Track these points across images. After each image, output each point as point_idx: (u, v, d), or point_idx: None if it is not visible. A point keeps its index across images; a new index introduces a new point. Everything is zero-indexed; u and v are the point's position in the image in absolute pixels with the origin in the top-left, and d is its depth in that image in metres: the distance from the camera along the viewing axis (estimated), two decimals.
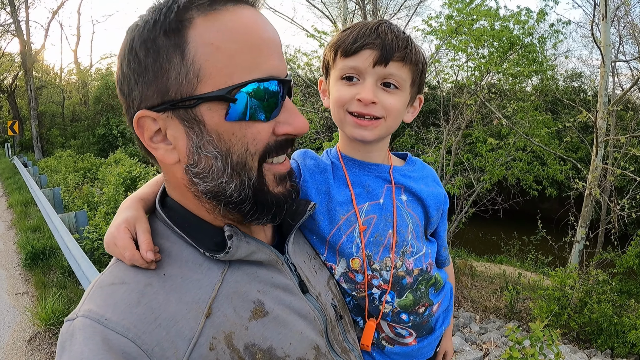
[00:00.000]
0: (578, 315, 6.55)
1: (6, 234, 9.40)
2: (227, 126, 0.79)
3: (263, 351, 0.85)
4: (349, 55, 1.12)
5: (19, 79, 30.56)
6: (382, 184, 1.23)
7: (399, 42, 1.10)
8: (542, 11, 9.33)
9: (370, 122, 1.13)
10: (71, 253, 5.29)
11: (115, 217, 0.96)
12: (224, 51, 0.76)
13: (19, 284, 6.64)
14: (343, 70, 1.14)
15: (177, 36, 0.75)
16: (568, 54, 20.20)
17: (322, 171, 1.24)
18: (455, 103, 10.55)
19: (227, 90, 0.76)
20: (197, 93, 0.76)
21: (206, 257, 0.88)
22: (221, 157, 0.80)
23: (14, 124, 26.08)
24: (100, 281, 0.83)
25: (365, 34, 1.11)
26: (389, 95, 1.12)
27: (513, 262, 12.11)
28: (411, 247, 1.23)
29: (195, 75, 0.75)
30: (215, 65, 0.76)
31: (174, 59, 0.75)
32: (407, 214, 1.23)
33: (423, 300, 1.26)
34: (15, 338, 5.04)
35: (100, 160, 20.76)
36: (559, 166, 10.85)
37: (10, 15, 26.52)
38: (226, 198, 0.84)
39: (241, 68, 0.77)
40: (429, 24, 10.03)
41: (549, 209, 13.73)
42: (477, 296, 9.01)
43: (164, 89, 0.77)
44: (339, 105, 1.16)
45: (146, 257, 0.83)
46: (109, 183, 11.23)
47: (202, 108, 0.77)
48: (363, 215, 1.20)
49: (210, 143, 0.79)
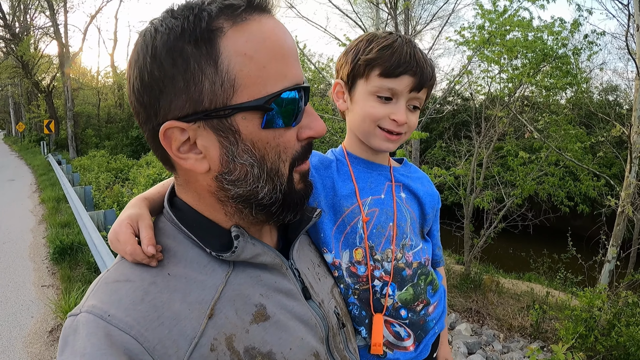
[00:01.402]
0: (605, 338, 6.29)
1: (37, 228, 9.69)
2: (262, 134, 0.80)
3: (263, 355, 0.85)
4: (389, 77, 1.20)
5: (56, 80, 31.62)
6: (383, 181, 1.33)
7: (430, 70, 1.22)
8: (576, 22, 9.10)
9: (397, 137, 1.26)
10: (97, 250, 5.41)
11: (119, 216, 0.97)
12: (256, 61, 0.77)
13: (46, 276, 6.83)
14: (380, 90, 1.21)
15: (209, 46, 0.75)
16: (603, 66, 19.68)
17: (327, 167, 1.31)
18: (487, 115, 10.38)
19: (265, 100, 0.77)
20: (232, 103, 0.77)
21: (211, 258, 0.88)
22: (257, 164, 0.82)
23: (50, 122, 26.98)
24: (105, 277, 0.84)
25: (406, 60, 1.19)
26: (413, 115, 1.25)
27: (542, 280, 11.76)
28: (410, 241, 1.31)
29: (230, 85, 0.76)
30: (249, 75, 0.76)
31: (207, 68, 0.75)
32: (406, 209, 1.32)
33: (422, 297, 1.32)
34: (38, 328, 5.18)
35: (132, 162, 21.27)
36: (592, 182, 10.52)
37: (49, 19, 27.51)
38: (257, 201, 0.86)
39: (273, 77, 0.79)
40: (461, 34, 9.93)
41: (580, 226, 13.31)
42: (503, 314, 8.79)
43: (196, 99, 0.76)
44: (372, 120, 1.24)
45: (147, 251, 0.83)
46: (139, 184, 11.48)
47: (237, 117, 0.78)
48: (366, 208, 1.28)
49: (246, 152, 0.81)
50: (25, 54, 26.92)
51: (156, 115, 0.80)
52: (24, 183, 16.44)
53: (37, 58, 30.12)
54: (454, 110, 21.27)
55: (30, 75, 29.23)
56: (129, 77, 0.82)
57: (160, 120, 0.79)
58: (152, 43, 0.76)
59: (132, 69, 0.80)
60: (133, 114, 0.87)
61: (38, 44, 32.65)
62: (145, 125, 0.83)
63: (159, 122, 0.79)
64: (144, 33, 0.79)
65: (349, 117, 1.32)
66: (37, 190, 14.82)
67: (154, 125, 0.81)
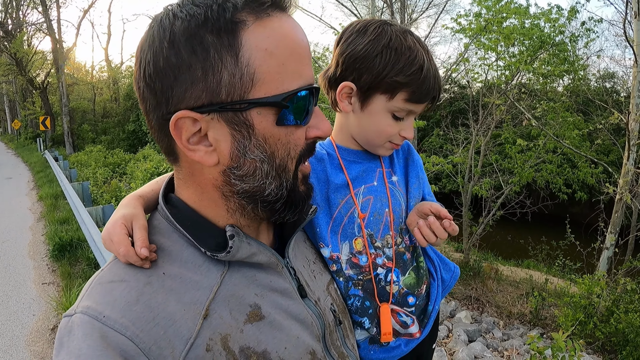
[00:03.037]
0: (604, 325, 6.35)
1: (36, 225, 9.68)
2: (275, 131, 0.80)
3: (257, 354, 0.85)
4: (415, 103, 1.20)
5: (51, 76, 31.42)
6: (374, 168, 1.33)
7: (436, 84, 1.20)
8: (573, 9, 9.08)
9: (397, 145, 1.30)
10: (97, 246, 5.40)
11: (113, 214, 0.96)
12: (276, 57, 0.76)
13: (46, 274, 6.83)
14: (400, 111, 1.21)
15: (231, 37, 0.74)
16: (600, 53, 19.57)
17: (320, 160, 1.29)
18: (484, 103, 10.37)
19: (282, 97, 0.77)
20: (250, 97, 0.76)
21: (206, 258, 0.87)
22: (267, 160, 0.82)
23: (46, 119, 26.84)
24: (100, 278, 0.83)
25: (433, 87, 1.19)
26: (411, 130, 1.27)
27: (540, 267, 11.84)
28: (405, 225, 1.31)
29: (249, 79, 0.75)
30: (269, 70, 0.76)
31: (228, 60, 0.74)
32: (399, 193, 1.33)
33: (424, 278, 1.36)
34: (39, 326, 5.19)
35: (129, 156, 21.25)
36: (590, 169, 10.57)
37: (42, 14, 27.29)
38: (263, 197, 0.85)
39: (290, 76, 0.79)
40: (458, 22, 9.89)
41: (578, 213, 13.35)
42: (502, 301, 8.85)
43: (213, 90, 0.75)
44: (386, 136, 1.24)
45: (140, 254, 0.82)
46: (136, 178, 11.48)
47: (252, 112, 0.77)
48: (360, 197, 1.28)
49: (257, 147, 0.80)
50: (19, 50, 26.71)
51: (167, 103, 0.77)
52: (22, 181, 16.38)
53: (30, 54, 29.87)
54: (451, 98, 21.28)
55: (25, 72, 29.01)
56: (140, 62, 0.79)
57: (172, 108, 0.77)
58: (171, 28, 0.74)
59: (145, 53, 0.77)
60: (139, 100, 0.84)
61: (31, 40, 32.39)
62: (152, 112, 0.81)
63: (170, 110, 0.77)
64: (160, 18, 0.77)
65: (352, 121, 1.28)
66: (34, 187, 14.78)
67: (164, 113, 0.78)
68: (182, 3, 0.77)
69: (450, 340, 6.24)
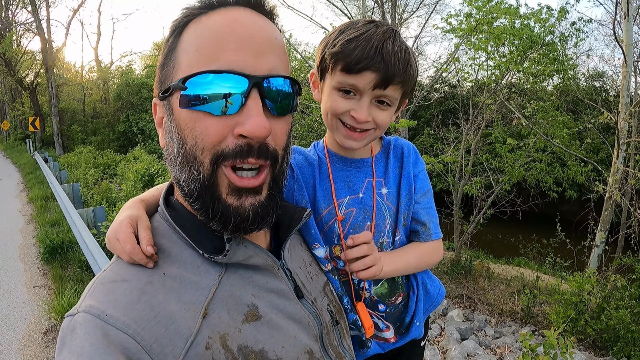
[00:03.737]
0: (595, 322, 6.41)
1: (26, 227, 9.59)
2: (183, 115, 0.82)
3: (255, 353, 0.86)
4: (350, 73, 1.13)
5: (40, 76, 31.12)
6: (362, 178, 1.30)
7: (400, 65, 1.11)
8: (563, 9, 9.17)
9: (361, 134, 1.18)
10: (88, 248, 5.38)
11: (117, 216, 0.99)
12: (193, 45, 0.83)
13: (37, 277, 6.77)
14: (341, 84, 1.16)
15: (178, 37, 0.86)
16: (590, 53, 19.78)
17: (310, 164, 1.31)
18: (474, 102, 10.44)
19: (182, 80, 0.81)
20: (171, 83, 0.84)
21: (204, 259, 0.89)
22: (178, 144, 0.84)
23: (35, 120, 26.60)
24: (102, 278, 0.85)
25: (369, 55, 1.10)
26: (381, 112, 1.17)
27: (531, 265, 11.93)
28: (387, 239, 1.29)
29: (173, 67, 0.85)
30: (185, 58, 0.83)
31: (172, 55, 0.86)
32: (386, 207, 1.29)
33: (399, 291, 1.35)
34: (32, 330, 5.14)
35: (119, 157, 21.09)
36: (580, 168, 10.67)
37: (31, 14, 27.01)
38: (182, 188, 0.87)
39: (202, 61, 0.80)
40: (448, 22, 9.94)
41: (568, 211, 13.46)
42: (494, 299, 8.90)
43: (164, 80, 0.88)
44: (333, 114, 1.19)
45: (146, 251, 0.85)
46: (127, 179, 11.40)
47: (172, 97, 0.84)
48: (343, 208, 1.27)
49: (174, 130, 0.84)
50: (8, 51, 26.46)
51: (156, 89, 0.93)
52: (11, 182, 16.22)
53: (19, 55, 29.61)
54: (441, 97, 21.32)
55: (14, 72, 28.73)
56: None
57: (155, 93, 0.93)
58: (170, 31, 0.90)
59: None
60: None
61: (20, 40, 32.08)
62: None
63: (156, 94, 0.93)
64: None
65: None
66: (24, 189, 14.64)
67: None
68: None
69: (443, 339, 6.27)
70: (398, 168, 1.33)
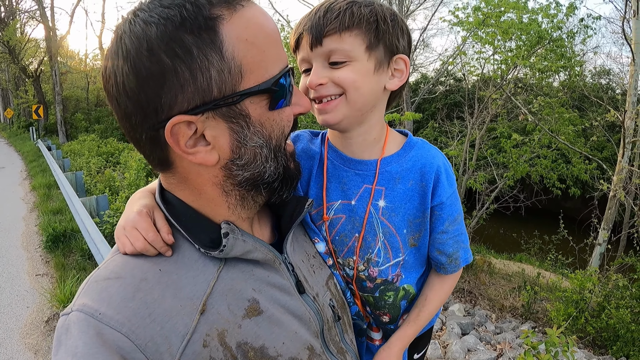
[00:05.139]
0: (595, 320, 6.41)
1: (29, 216, 9.62)
2: (269, 115, 0.83)
3: (255, 350, 0.85)
4: (296, 50, 1.08)
5: (44, 64, 31.11)
6: (359, 183, 1.15)
7: (328, 14, 1.00)
8: (572, 5, 9.09)
9: (329, 104, 1.04)
10: (91, 236, 5.36)
11: (128, 207, 0.96)
12: (257, 46, 0.78)
13: (39, 265, 6.79)
14: (300, 65, 1.10)
15: (212, 33, 0.74)
16: (597, 50, 19.64)
17: (310, 157, 1.22)
18: (480, 96, 10.39)
19: (271, 82, 0.81)
20: (241, 88, 0.77)
21: (202, 253, 0.87)
22: (265, 144, 0.84)
23: (39, 108, 26.55)
24: (96, 275, 0.83)
25: (302, 22, 1.05)
26: (337, 70, 1.02)
27: (532, 261, 11.92)
28: (376, 257, 1.16)
29: (238, 71, 0.76)
30: (254, 60, 0.78)
31: (213, 57, 0.74)
32: (379, 222, 1.14)
33: (385, 310, 1.24)
34: (34, 318, 5.16)
35: (123, 145, 21.04)
36: (584, 165, 10.63)
37: (35, 2, 26.89)
38: (263, 181, 0.88)
39: (272, 60, 0.81)
40: (455, 15, 9.87)
41: (571, 208, 13.45)
42: (495, 294, 8.90)
43: (205, 89, 0.74)
44: (303, 91, 1.09)
45: (167, 239, 0.85)
46: (130, 168, 11.35)
47: (245, 102, 0.79)
48: (332, 213, 1.17)
49: (256, 134, 0.82)
50: (12, 38, 26.39)
51: (156, 112, 0.75)
52: (14, 170, 16.24)
53: (23, 43, 29.54)
54: (446, 91, 21.24)
55: (17, 60, 28.66)
56: (114, 77, 0.75)
57: (164, 116, 0.75)
58: (145, 36, 0.72)
59: (119, 67, 0.74)
60: (120, 118, 0.80)
61: (24, 28, 31.96)
62: (140, 127, 0.78)
63: (161, 119, 0.75)
64: (127, 27, 0.74)
65: None
66: (27, 177, 14.66)
67: (154, 124, 0.76)
68: (149, 7, 0.75)
69: (444, 333, 6.28)
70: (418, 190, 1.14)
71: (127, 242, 0.86)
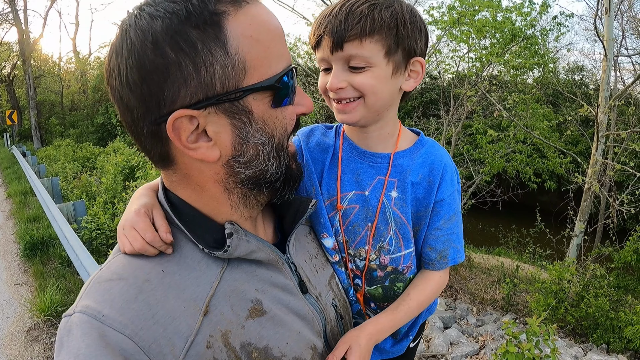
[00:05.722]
0: (575, 310, 6.56)
1: (5, 224, 9.39)
2: (272, 112, 0.83)
3: (259, 350, 0.85)
4: (316, 48, 1.11)
5: (17, 68, 30.40)
6: (373, 175, 1.19)
7: (349, 19, 1.02)
8: (545, 3, 9.26)
9: (348, 105, 1.09)
10: (69, 243, 5.27)
11: (129, 205, 0.96)
12: (261, 43, 0.78)
13: (18, 274, 6.64)
14: (319, 63, 1.14)
15: (217, 29, 0.74)
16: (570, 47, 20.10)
17: (324, 150, 1.25)
18: (455, 94, 10.50)
19: (275, 80, 0.80)
20: (244, 84, 0.77)
21: (205, 253, 0.87)
22: (268, 142, 0.84)
23: (13, 113, 25.91)
24: (98, 277, 0.82)
25: (322, 22, 1.07)
26: (357, 75, 1.06)
27: (511, 255, 12.13)
28: (388, 245, 1.20)
29: (241, 67, 0.76)
30: (258, 56, 0.78)
31: (217, 52, 0.74)
32: (391, 212, 1.18)
33: (392, 301, 1.25)
34: (14, 329, 5.05)
35: (99, 149, 20.71)
36: (559, 159, 10.83)
37: (7, 4, 26.28)
38: (265, 180, 0.87)
39: (275, 58, 0.81)
40: (430, 14, 9.96)
41: (548, 202, 13.74)
42: (475, 288, 9.04)
43: (208, 84, 0.74)
44: (323, 94, 1.16)
45: (166, 239, 0.84)
46: (107, 172, 11.17)
47: (248, 98, 0.79)
48: (346, 203, 1.20)
49: (258, 131, 0.82)
50: None
51: (159, 106, 0.75)
52: None
53: None
54: (422, 89, 21.37)
55: None
56: (117, 70, 0.75)
57: (166, 110, 0.75)
58: (151, 29, 0.72)
59: (124, 60, 0.74)
60: (122, 111, 0.80)
61: None
62: (142, 120, 0.78)
63: (164, 113, 0.75)
64: (133, 21, 0.75)
65: None
66: (2, 184, 14.32)
67: (156, 118, 0.76)
68: (155, 2, 0.75)
69: (427, 327, 6.35)
70: (426, 183, 1.19)
71: (127, 242, 0.86)
